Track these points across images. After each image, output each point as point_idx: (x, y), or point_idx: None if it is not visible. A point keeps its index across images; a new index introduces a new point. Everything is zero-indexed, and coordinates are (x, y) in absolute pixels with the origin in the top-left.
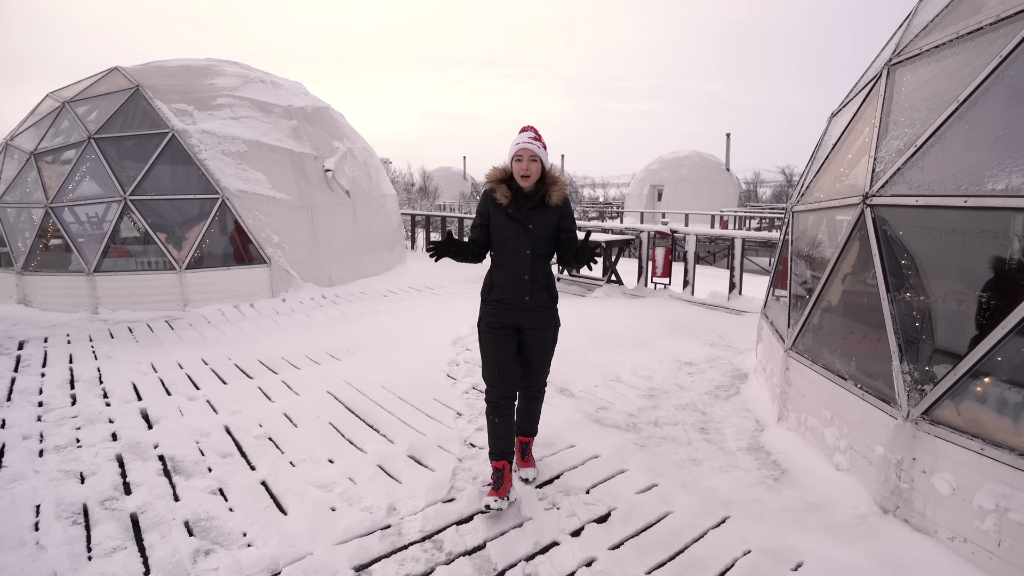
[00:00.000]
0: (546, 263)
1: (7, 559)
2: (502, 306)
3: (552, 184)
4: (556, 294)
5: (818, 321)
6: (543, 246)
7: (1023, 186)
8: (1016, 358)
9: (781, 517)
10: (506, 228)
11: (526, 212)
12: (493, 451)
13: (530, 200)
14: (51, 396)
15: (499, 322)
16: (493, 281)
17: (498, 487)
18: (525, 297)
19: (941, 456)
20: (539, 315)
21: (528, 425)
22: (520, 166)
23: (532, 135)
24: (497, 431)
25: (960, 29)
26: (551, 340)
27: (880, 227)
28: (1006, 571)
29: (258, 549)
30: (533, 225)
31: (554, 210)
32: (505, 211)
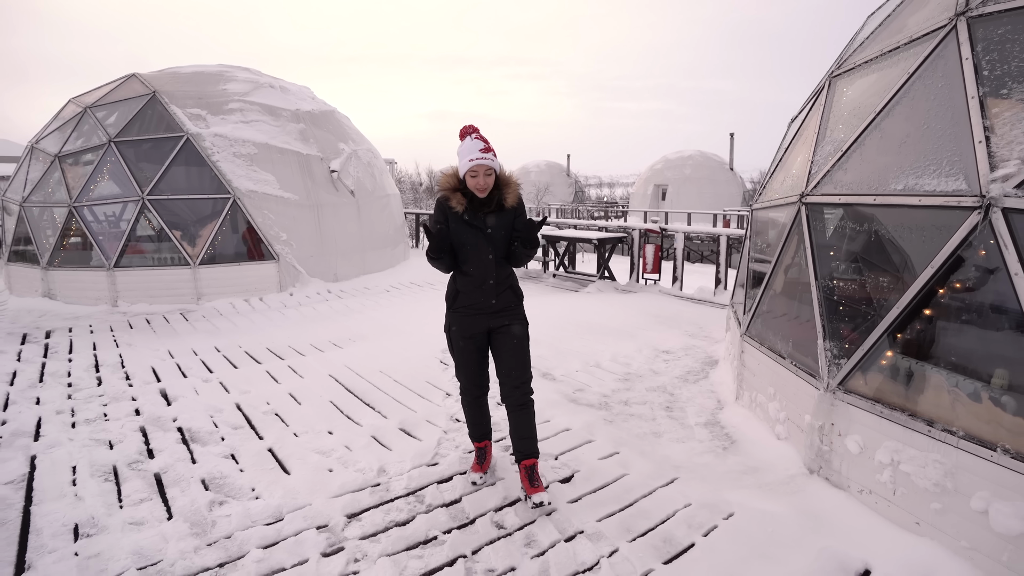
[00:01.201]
0: (507, 264)
1: (53, 506)
2: (470, 311)
3: (506, 187)
4: (520, 292)
5: (766, 308)
6: (504, 248)
7: (917, 186)
8: (908, 334)
9: (722, 478)
10: (466, 235)
11: (483, 216)
12: (473, 434)
13: (486, 206)
14: (79, 378)
15: (468, 331)
16: (458, 287)
17: (480, 462)
18: (491, 300)
19: (852, 420)
20: (506, 314)
21: (527, 444)
22: (476, 182)
23: (482, 146)
24: (475, 417)
25: (884, 47)
26: (523, 336)
27: (812, 222)
28: (899, 515)
29: (264, 501)
30: (492, 229)
31: (510, 212)
32: (462, 218)
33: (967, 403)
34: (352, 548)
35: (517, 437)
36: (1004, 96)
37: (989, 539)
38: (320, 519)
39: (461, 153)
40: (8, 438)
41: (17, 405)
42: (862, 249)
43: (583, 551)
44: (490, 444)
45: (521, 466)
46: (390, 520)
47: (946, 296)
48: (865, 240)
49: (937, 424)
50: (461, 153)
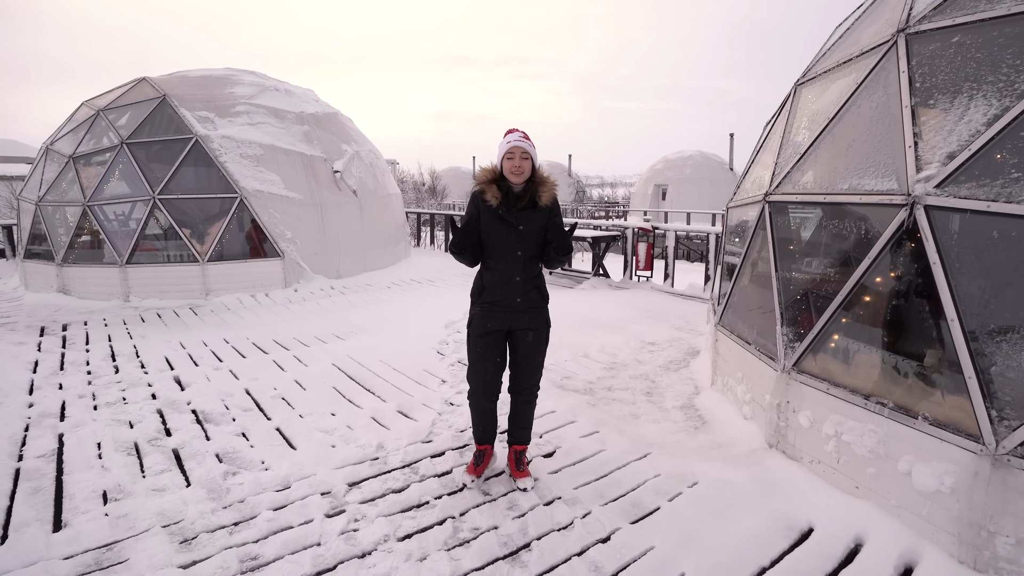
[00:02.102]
0: (536, 264)
1: (83, 476)
2: (494, 308)
3: (541, 185)
4: (547, 294)
5: (736, 299)
6: (533, 247)
7: (859, 186)
8: (850, 318)
9: (691, 453)
10: (496, 230)
11: (516, 213)
12: (477, 436)
13: (520, 200)
14: (97, 367)
15: (490, 327)
16: (483, 283)
17: (477, 465)
18: (516, 299)
19: (804, 398)
20: (530, 316)
21: (522, 432)
22: (512, 163)
23: (521, 134)
24: (482, 420)
25: (841, 58)
26: (543, 340)
27: (774, 219)
28: (842, 481)
29: (273, 471)
30: (524, 226)
31: (543, 211)
32: (495, 212)
33: (896, 378)
34: (352, 510)
35: (515, 425)
36: (931, 106)
37: (912, 497)
38: (324, 487)
39: (502, 145)
40: (36, 419)
41: (42, 390)
42: (815, 243)
43: (559, 513)
44: (491, 449)
45: (511, 449)
46: (387, 488)
47: (880, 284)
48: (818, 235)
49: (872, 398)
50: (502, 145)
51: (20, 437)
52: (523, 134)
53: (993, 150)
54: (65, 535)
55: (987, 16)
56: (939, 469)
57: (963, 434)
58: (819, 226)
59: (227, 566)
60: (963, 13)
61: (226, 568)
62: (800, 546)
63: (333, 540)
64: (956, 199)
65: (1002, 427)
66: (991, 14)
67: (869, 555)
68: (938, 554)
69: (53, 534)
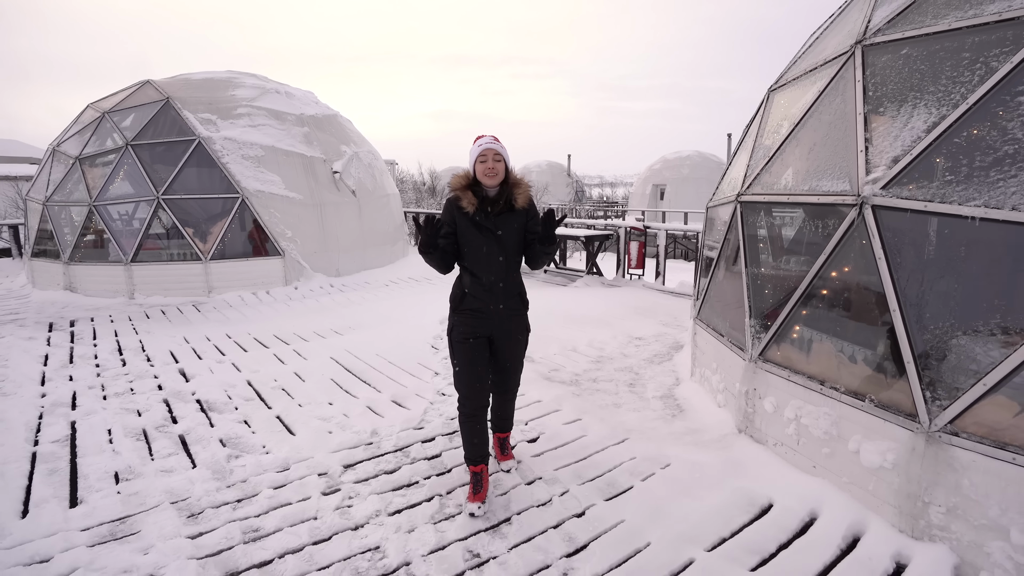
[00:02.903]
0: (518, 269)
1: (95, 459)
2: (476, 315)
3: (516, 187)
4: (527, 300)
5: (712, 294)
6: (514, 251)
7: (817, 187)
8: (808, 310)
9: (666, 438)
10: (475, 236)
11: (494, 218)
12: (470, 456)
13: (496, 205)
14: (105, 360)
15: (472, 332)
16: (465, 290)
17: (477, 491)
18: (499, 305)
19: (770, 385)
20: (512, 322)
21: (504, 422)
22: (485, 166)
23: (492, 137)
24: (473, 437)
25: (808, 66)
26: (523, 344)
27: (744, 218)
28: (801, 461)
29: (273, 455)
30: (502, 231)
31: (521, 213)
32: (472, 219)
33: (847, 364)
34: (347, 489)
35: (498, 415)
36: (881, 113)
37: (860, 473)
38: (321, 468)
39: (473, 149)
40: (49, 407)
41: (53, 382)
42: (781, 240)
43: (539, 491)
44: (486, 469)
45: (495, 436)
46: (380, 469)
47: (835, 279)
48: (784, 232)
49: (827, 383)
50: (473, 149)
51: (35, 424)
52: (493, 137)
53: (931, 155)
54: (81, 510)
55: (930, 31)
56: (883, 447)
57: (903, 414)
58: (785, 224)
59: (231, 536)
60: (912, 27)
61: (230, 538)
62: (759, 520)
63: (329, 515)
64: (899, 199)
65: (935, 407)
66: (934, 29)
67: (821, 527)
68: (881, 524)
69: (70, 509)
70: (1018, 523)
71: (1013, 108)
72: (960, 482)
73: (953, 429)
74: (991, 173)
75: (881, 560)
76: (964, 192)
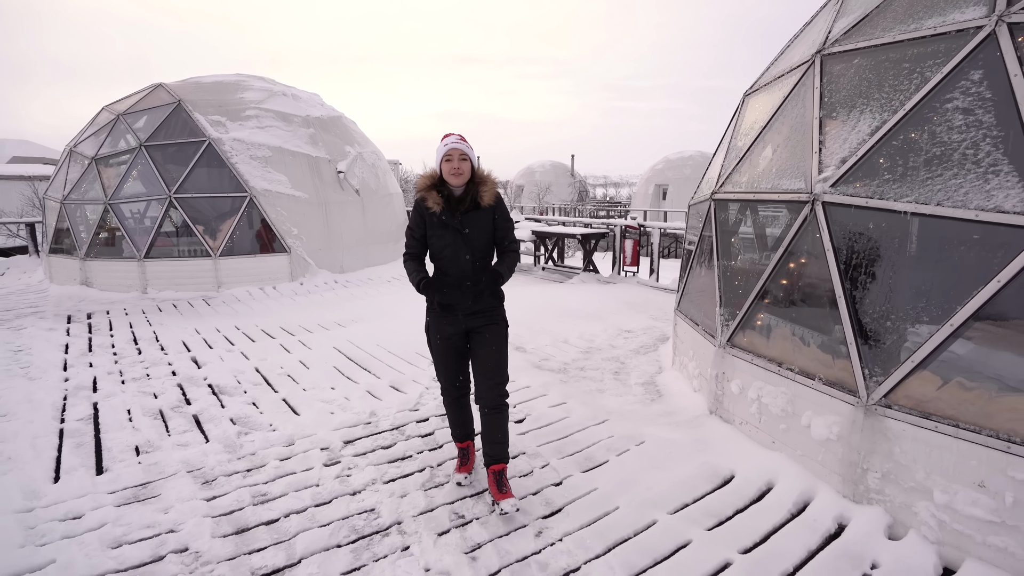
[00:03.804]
0: (487, 265)
1: (117, 435)
2: (447, 313)
3: (482, 184)
4: (502, 294)
5: (690, 286)
6: (482, 250)
7: (778, 185)
8: (770, 300)
9: (643, 419)
10: (442, 236)
11: (460, 217)
12: (456, 435)
13: (462, 204)
14: (122, 349)
15: (445, 332)
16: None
17: (464, 463)
18: (469, 302)
19: (736, 369)
20: (485, 316)
21: (498, 449)
22: (451, 166)
23: (458, 136)
24: (457, 418)
25: (777, 72)
26: (502, 337)
27: (717, 214)
28: (763, 437)
29: (279, 432)
30: (469, 229)
31: (487, 211)
32: (439, 218)
33: (801, 347)
34: (347, 461)
35: (489, 441)
36: (834, 118)
37: (812, 446)
38: (323, 443)
39: (439, 149)
40: (73, 390)
41: (75, 368)
42: (748, 235)
43: (521, 464)
44: (472, 445)
45: (490, 471)
46: (377, 445)
47: (792, 269)
48: (751, 228)
49: (784, 365)
50: (439, 149)
51: (60, 405)
52: (460, 136)
53: (874, 156)
54: (107, 477)
55: (878, 43)
56: (830, 421)
57: (846, 390)
58: (752, 220)
59: (242, 500)
60: (863, 38)
61: (241, 501)
62: (720, 489)
63: (329, 482)
64: (845, 196)
65: (872, 383)
66: (880, 40)
67: (775, 495)
68: (828, 491)
69: (97, 476)
70: (940, 484)
71: (942, 114)
72: (893, 449)
73: (887, 402)
74: (922, 172)
75: (824, 522)
76: (899, 189)
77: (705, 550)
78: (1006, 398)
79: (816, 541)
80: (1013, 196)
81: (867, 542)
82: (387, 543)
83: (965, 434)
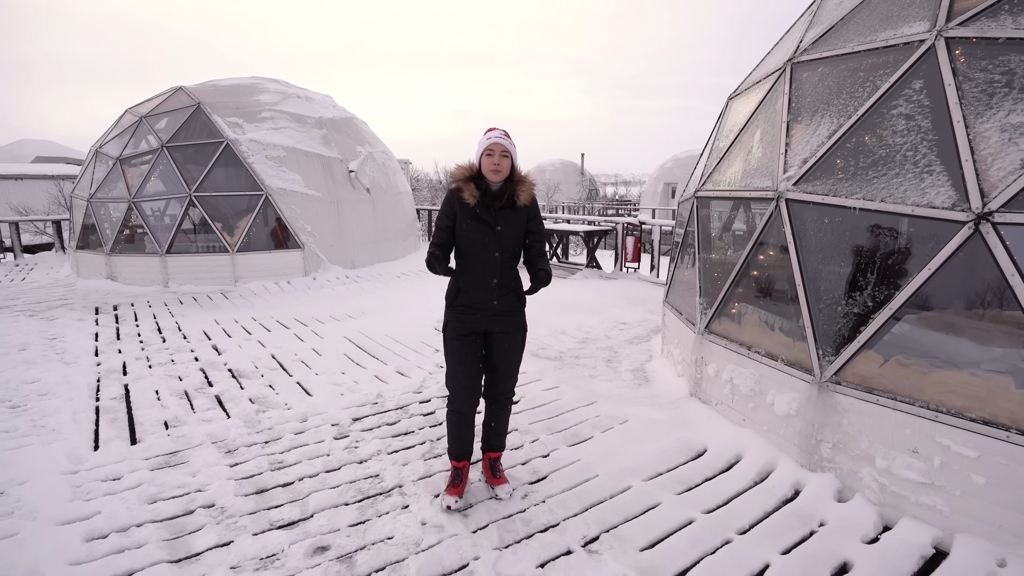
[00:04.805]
0: (514, 266)
1: (147, 411)
2: (469, 311)
3: (520, 184)
4: (524, 298)
5: (676, 279)
6: (511, 248)
7: (751, 183)
8: (742, 289)
9: (629, 401)
10: (473, 230)
11: (494, 213)
12: (453, 452)
13: (498, 200)
14: (147, 337)
15: (466, 328)
16: (459, 286)
17: (456, 484)
18: (493, 302)
19: (712, 353)
20: (507, 319)
21: (497, 439)
22: (491, 161)
23: (502, 132)
24: (461, 434)
25: (756, 78)
26: (519, 344)
27: (699, 211)
28: (735, 416)
29: (294, 410)
30: (502, 226)
31: (522, 211)
32: (472, 211)
33: (768, 332)
34: (355, 436)
35: (490, 431)
36: (800, 121)
37: (775, 421)
38: (333, 420)
39: (481, 142)
40: (105, 373)
41: (105, 354)
42: (726, 230)
43: (513, 439)
44: (469, 465)
45: (486, 456)
46: (383, 422)
47: (761, 261)
48: (728, 223)
49: (753, 348)
50: (481, 142)
51: (95, 386)
52: (503, 132)
53: (831, 157)
54: (140, 447)
55: (839, 52)
56: (790, 397)
57: (803, 370)
58: (729, 216)
59: (260, 466)
60: (828, 49)
61: (260, 467)
62: (693, 461)
63: (339, 452)
64: (805, 194)
65: (825, 362)
66: (841, 51)
67: (742, 465)
68: (788, 461)
69: (131, 446)
70: (881, 452)
71: (888, 120)
72: (842, 422)
73: (837, 379)
74: (869, 172)
75: (782, 487)
76: (850, 187)
77: (672, 510)
78: (936, 373)
79: (773, 504)
80: (943, 193)
81: (817, 504)
82: (389, 502)
83: (902, 406)
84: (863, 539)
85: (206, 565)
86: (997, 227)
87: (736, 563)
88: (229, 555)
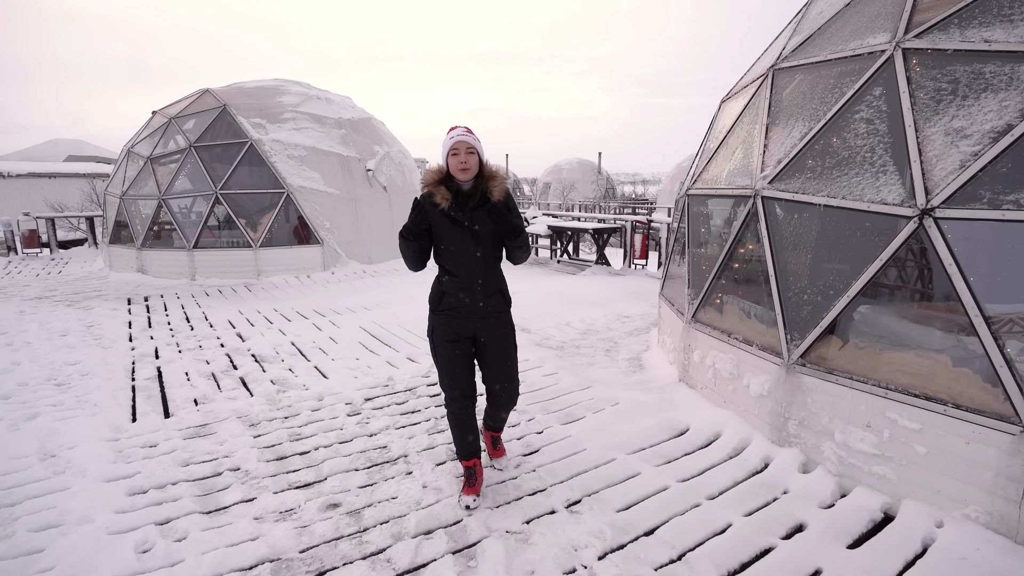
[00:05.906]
0: (497, 265)
1: (178, 390)
2: (455, 315)
3: (491, 179)
4: (509, 298)
5: (670, 272)
6: (492, 247)
7: (733, 182)
8: (724, 280)
9: (622, 386)
10: (450, 232)
11: (469, 213)
12: (461, 452)
13: (471, 199)
14: (176, 325)
15: (453, 333)
16: (443, 289)
17: (471, 484)
18: (479, 303)
19: (698, 341)
20: (494, 321)
21: (498, 423)
22: (458, 160)
23: (464, 129)
24: (461, 431)
25: (744, 82)
26: (510, 344)
27: (689, 208)
28: (716, 398)
29: (311, 390)
30: (479, 226)
31: (497, 207)
32: (447, 215)
33: (746, 319)
34: (366, 413)
35: (492, 417)
36: (777, 124)
37: (751, 402)
38: (347, 400)
39: (445, 142)
40: (139, 357)
41: (138, 340)
42: (713, 225)
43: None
44: (479, 463)
45: (487, 433)
46: (392, 401)
47: (741, 254)
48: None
49: (733, 335)
50: (445, 142)
51: (130, 368)
52: (466, 129)
53: (803, 157)
54: (174, 420)
55: (814, 60)
56: (763, 379)
57: (774, 353)
58: (715, 212)
59: (280, 437)
60: (805, 57)
61: (280, 439)
62: (676, 438)
63: (351, 427)
64: (777, 191)
65: (792, 346)
66: (816, 59)
67: (720, 442)
68: (761, 439)
69: (165, 419)
70: (840, 427)
71: (852, 124)
72: (806, 400)
73: (802, 361)
74: (834, 172)
75: (753, 461)
76: (817, 185)
77: (649, 479)
78: (887, 354)
79: (743, 475)
80: (894, 191)
81: (782, 475)
82: (395, 469)
83: (857, 384)
84: (820, 505)
85: (233, 516)
86: (938, 221)
87: (701, 522)
88: (253, 508)
